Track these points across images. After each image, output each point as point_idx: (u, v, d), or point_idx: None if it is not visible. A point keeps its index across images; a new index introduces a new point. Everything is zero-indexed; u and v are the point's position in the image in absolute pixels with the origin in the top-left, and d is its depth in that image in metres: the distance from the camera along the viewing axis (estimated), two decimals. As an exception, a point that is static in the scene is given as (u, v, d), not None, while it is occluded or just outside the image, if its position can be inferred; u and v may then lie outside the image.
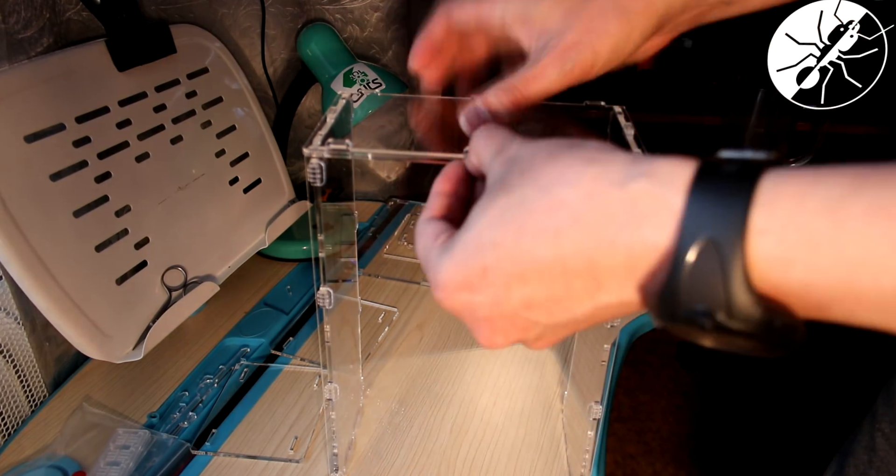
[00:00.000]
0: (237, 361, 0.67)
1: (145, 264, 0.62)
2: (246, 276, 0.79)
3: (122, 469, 0.54)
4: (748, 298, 0.19)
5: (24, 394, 0.61)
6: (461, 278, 0.26)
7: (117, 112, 0.62)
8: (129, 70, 0.63)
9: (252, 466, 0.55)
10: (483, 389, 0.63)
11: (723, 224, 0.19)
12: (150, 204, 0.64)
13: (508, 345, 0.28)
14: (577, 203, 0.23)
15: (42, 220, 0.53)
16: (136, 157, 0.63)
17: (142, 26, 0.67)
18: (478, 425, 0.59)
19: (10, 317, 0.58)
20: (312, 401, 0.62)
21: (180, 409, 0.61)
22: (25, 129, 0.53)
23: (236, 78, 0.78)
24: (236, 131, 0.76)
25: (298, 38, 0.80)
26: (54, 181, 0.55)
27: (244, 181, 0.77)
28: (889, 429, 0.48)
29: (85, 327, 0.55)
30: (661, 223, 0.21)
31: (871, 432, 0.50)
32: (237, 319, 0.73)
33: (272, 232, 0.78)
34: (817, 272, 0.19)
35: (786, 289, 0.19)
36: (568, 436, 0.57)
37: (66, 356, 0.67)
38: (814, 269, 0.19)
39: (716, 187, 0.20)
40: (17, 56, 0.55)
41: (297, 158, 0.94)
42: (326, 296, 0.45)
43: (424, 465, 0.55)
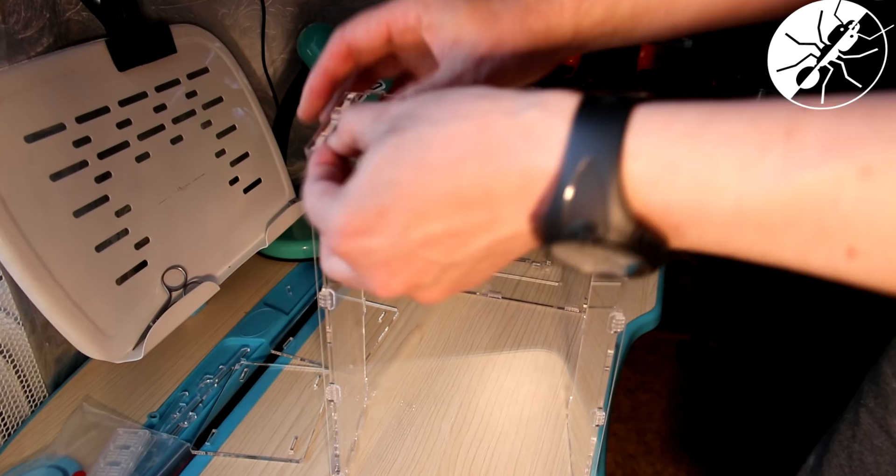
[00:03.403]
0: (237, 361, 0.67)
1: (145, 264, 0.62)
2: (246, 276, 0.79)
3: (122, 469, 0.54)
4: (623, 214, 0.21)
5: (24, 394, 0.61)
6: (359, 222, 0.26)
7: (117, 112, 0.62)
8: (129, 70, 0.63)
9: (252, 466, 0.55)
10: (483, 390, 0.63)
11: (602, 147, 0.21)
12: (150, 204, 0.64)
13: (404, 290, 0.27)
14: (472, 134, 0.23)
15: (42, 220, 0.53)
16: (137, 157, 0.63)
17: (142, 26, 0.67)
18: (478, 426, 0.59)
19: (10, 317, 0.58)
20: (312, 401, 0.62)
21: (180, 409, 0.61)
22: (25, 129, 0.53)
23: (236, 78, 0.78)
24: (236, 131, 0.76)
25: (298, 38, 0.80)
26: (54, 181, 0.55)
27: (244, 181, 0.77)
28: (873, 403, 0.49)
29: (85, 327, 0.55)
30: (549, 148, 0.22)
31: (856, 409, 0.51)
32: (237, 319, 0.73)
33: (272, 232, 0.78)
34: (675, 192, 0.21)
35: (652, 207, 0.22)
36: (572, 441, 0.57)
37: (66, 356, 0.67)
38: (673, 189, 0.21)
39: (596, 116, 0.22)
40: (17, 56, 0.55)
41: (297, 158, 0.94)
42: (329, 297, 0.45)
43: (425, 465, 0.55)
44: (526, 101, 0.24)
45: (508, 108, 0.24)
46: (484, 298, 0.76)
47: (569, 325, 0.72)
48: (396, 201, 0.25)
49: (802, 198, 0.19)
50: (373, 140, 0.27)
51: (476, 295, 0.77)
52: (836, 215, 0.19)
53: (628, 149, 0.21)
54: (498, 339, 0.70)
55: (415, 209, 0.24)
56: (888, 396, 0.48)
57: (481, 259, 0.26)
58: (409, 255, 0.26)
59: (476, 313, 0.74)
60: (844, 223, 0.19)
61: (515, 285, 0.79)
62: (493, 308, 0.75)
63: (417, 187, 0.24)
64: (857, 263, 0.19)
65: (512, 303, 0.76)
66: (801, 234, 0.20)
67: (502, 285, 0.79)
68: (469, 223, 0.24)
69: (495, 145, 0.23)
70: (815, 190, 0.19)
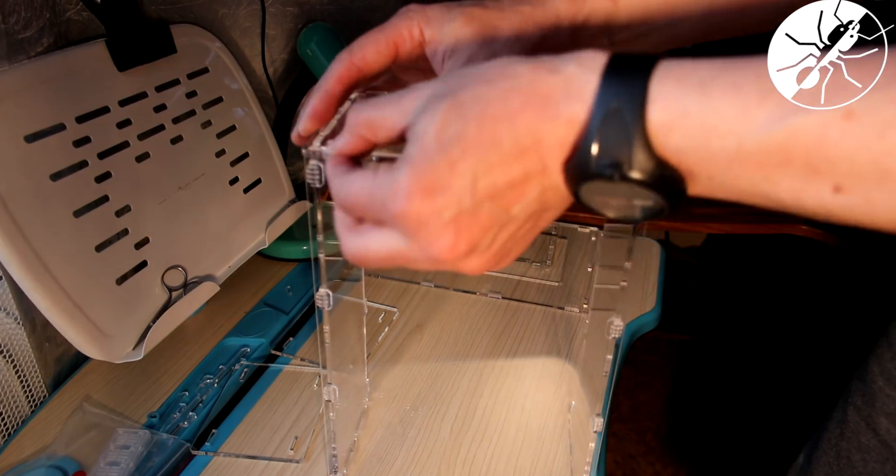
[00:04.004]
0: (237, 361, 0.67)
1: (145, 264, 0.62)
2: (246, 276, 0.79)
3: (122, 469, 0.54)
4: (645, 154, 0.24)
5: (24, 394, 0.61)
6: (431, 179, 0.26)
7: (117, 112, 0.62)
8: (130, 70, 0.63)
9: (252, 466, 0.55)
10: (483, 390, 0.63)
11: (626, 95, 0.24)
12: (150, 204, 0.64)
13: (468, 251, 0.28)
14: (525, 88, 0.26)
15: (42, 220, 0.53)
16: (137, 157, 0.63)
17: (142, 26, 0.67)
18: (478, 427, 0.59)
19: (10, 317, 0.58)
20: (312, 401, 0.62)
21: (180, 409, 0.61)
22: (25, 129, 0.53)
23: (236, 78, 0.78)
24: (236, 131, 0.76)
25: (298, 38, 0.80)
26: (54, 181, 0.55)
27: (244, 181, 0.77)
28: (860, 401, 0.49)
29: (85, 327, 0.55)
30: (584, 98, 0.25)
31: (844, 407, 0.51)
32: (237, 319, 0.73)
33: (272, 232, 0.78)
34: (686, 137, 0.23)
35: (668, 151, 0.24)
36: (572, 442, 0.57)
37: (66, 356, 0.67)
38: (684, 134, 0.23)
39: (623, 69, 0.25)
40: (17, 56, 0.55)
41: (298, 158, 0.94)
42: (325, 297, 0.45)
43: (425, 466, 0.55)
44: (566, 59, 0.26)
45: (551, 65, 0.26)
46: (484, 298, 0.76)
47: (569, 326, 0.72)
48: (465, 154, 0.26)
49: (795, 139, 0.21)
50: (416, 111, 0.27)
51: (476, 295, 0.77)
52: (823, 154, 0.21)
53: (650, 97, 0.23)
54: (498, 340, 0.70)
55: (483, 159, 0.26)
56: (874, 394, 0.48)
57: (529, 216, 0.28)
58: (476, 210, 0.27)
59: (476, 313, 0.74)
60: (830, 161, 0.21)
61: (515, 285, 0.79)
62: (493, 308, 0.75)
63: (483, 139, 0.26)
64: (842, 199, 0.22)
65: (512, 303, 0.76)
66: (794, 172, 0.22)
67: (502, 285, 0.79)
68: (526, 172, 0.26)
69: (544, 97, 0.25)
70: (805, 131, 0.21)
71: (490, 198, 0.26)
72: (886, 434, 0.47)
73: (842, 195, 0.21)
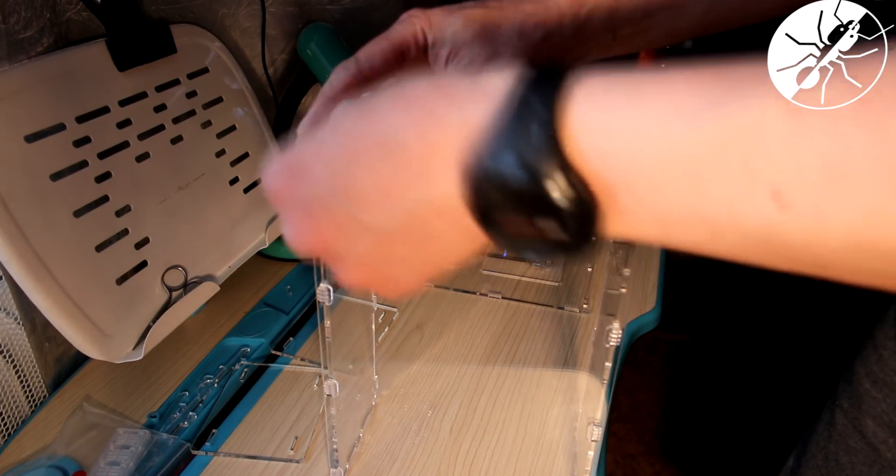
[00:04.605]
0: (237, 361, 0.67)
1: (145, 264, 0.62)
2: (246, 276, 0.79)
3: (122, 469, 0.54)
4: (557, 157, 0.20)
5: (24, 394, 0.61)
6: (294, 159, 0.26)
7: (117, 112, 0.62)
8: (130, 70, 0.63)
9: (252, 466, 0.55)
10: (483, 390, 0.63)
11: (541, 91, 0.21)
12: (150, 204, 0.64)
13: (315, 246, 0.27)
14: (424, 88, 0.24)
15: (42, 220, 0.53)
16: (137, 157, 0.63)
17: (142, 26, 0.67)
18: (478, 426, 0.59)
19: (10, 317, 0.58)
20: (313, 401, 0.62)
21: (180, 409, 0.61)
22: (25, 129, 0.53)
23: (236, 78, 0.78)
24: (236, 131, 0.76)
25: (298, 38, 0.80)
26: (54, 181, 0.55)
27: (244, 181, 0.77)
28: (847, 404, 0.49)
29: (85, 327, 0.55)
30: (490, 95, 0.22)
31: (832, 410, 0.51)
32: (237, 319, 0.73)
33: (272, 232, 0.78)
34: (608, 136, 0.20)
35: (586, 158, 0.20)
36: (572, 442, 0.57)
37: (66, 356, 0.67)
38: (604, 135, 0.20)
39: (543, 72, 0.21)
40: (18, 56, 0.55)
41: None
42: (326, 292, 0.45)
43: (425, 465, 0.55)
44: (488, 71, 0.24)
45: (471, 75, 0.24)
46: (484, 298, 0.76)
47: (569, 326, 0.72)
48: (332, 139, 0.25)
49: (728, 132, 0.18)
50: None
51: (476, 295, 0.77)
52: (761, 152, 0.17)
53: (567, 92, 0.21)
54: (498, 340, 0.70)
55: (347, 146, 0.24)
56: (861, 397, 0.48)
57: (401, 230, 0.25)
58: (330, 203, 0.25)
59: (476, 313, 0.74)
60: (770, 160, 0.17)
61: (515, 285, 0.79)
62: (493, 308, 0.75)
63: (353, 127, 0.24)
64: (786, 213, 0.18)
65: (512, 303, 0.76)
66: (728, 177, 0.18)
67: (502, 285, 0.79)
68: (398, 173, 0.23)
69: (442, 96, 0.23)
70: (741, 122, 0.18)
71: (347, 194, 0.24)
72: (873, 436, 0.47)
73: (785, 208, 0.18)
